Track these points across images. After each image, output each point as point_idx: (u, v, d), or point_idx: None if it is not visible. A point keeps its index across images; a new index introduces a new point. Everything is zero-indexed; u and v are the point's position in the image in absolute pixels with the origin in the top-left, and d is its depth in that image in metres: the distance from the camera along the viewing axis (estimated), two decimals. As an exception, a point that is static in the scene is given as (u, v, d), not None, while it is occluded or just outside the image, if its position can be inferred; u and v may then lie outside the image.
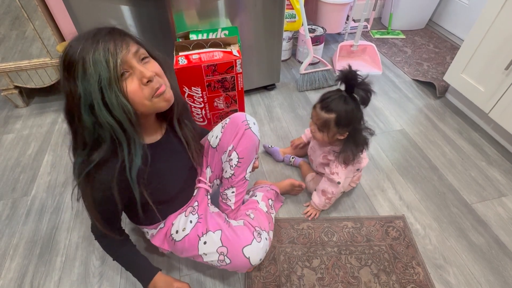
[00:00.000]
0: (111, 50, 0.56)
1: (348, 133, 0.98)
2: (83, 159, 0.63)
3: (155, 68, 0.65)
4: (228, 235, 0.81)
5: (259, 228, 0.87)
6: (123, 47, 0.59)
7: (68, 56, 0.57)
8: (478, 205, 1.18)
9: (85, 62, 0.55)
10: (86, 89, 0.56)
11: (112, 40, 0.58)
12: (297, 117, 1.58)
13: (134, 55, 0.61)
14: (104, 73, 0.56)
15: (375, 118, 1.58)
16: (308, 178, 1.21)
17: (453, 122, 1.55)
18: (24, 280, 0.98)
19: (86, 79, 0.56)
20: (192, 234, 0.84)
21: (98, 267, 1.02)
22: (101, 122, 0.59)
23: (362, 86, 0.88)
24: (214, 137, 0.93)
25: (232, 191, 0.95)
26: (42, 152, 1.41)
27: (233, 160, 0.89)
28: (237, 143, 0.87)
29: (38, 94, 1.74)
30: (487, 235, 1.09)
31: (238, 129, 0.88)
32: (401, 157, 1.38)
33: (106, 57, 0.56)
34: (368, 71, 1.91)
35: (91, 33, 0.58)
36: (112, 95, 0.57)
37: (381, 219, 1.13)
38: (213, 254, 0.81)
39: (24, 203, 1.20)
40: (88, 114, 0.58)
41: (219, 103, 1.32)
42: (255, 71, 1.61)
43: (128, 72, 0.60)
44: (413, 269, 0.99)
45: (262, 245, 0.82)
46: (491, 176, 1.29)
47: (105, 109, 0.58)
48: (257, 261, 0.80)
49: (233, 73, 1.22)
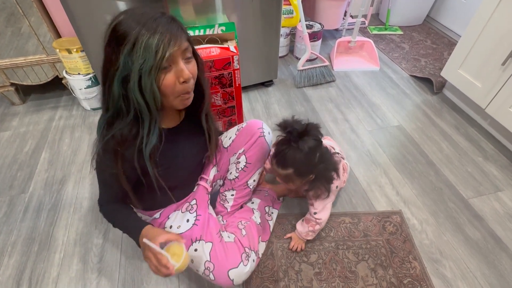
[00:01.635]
0: (165, 41, 0.57)
1: (314, 175, 0.87)
2: (104, 124, 0.66)
3: (194, 70, 0.67)
4: (218, 253, 0.81)
5: (248, 249, 0.86)
6: (176, 43, 0.59)
7: (123, 28, 0.57)
8: (474, 200, 1.19)
9: (137, 42, 0.56)
10: (126, 64, 0.58)
11: (169, 32, 0.58)
12: (295, 113, 1.58)
13: (182, 52, 0.62)
14: (150, 60, 0.57)
15: (373, 114, 1.58)
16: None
17: (450, 117, 1.56)
18: (23, 276, 0.99)
19: (131, 57, 0.57)
20: (186, 236, 0.84)
21: (96, 263, 1.02)
22: (130, 98, 0.61)
23: (308, 133, 0.79)
24: (227, 138, 0.97)
25: (232, 193, 0.97)
26: (39, 150, 1.41)
27: (240, 163, 0.92)
28: (249, 148, 0.91)
29: (35, 91, 1.73)
30: (483, 229, 1.10)
31: (253, 134, 0.91)
32: (398, 152, 1.38)
33: (158, 47, 0.57)
34: (365, 67, 1.91)
35: (152, 16, 0.58)
36: (148, 81, 0.59)
37: (378, 214, 1.14)
38: (199, 265, 0.81)
39: (21, 201, 1.20)
40: (119, 85, 0.60)
41: (216, 99, 1.32)
42: (253, 68, 1.61)
43: (170, 66, 0.61)
44: (409, 264, 1.00)
45: (248, 268, 0.83)
46: (488, 171, 1.29)
47: (138, 89, 0.60)
48: (240, 283, 0.83)
49: (230, 69, 1.22)
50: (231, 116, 1.43)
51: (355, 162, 1.33)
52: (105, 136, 0.65)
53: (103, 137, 0.66)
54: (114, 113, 0.65)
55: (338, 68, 1.90)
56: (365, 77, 1.84)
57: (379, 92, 1.73)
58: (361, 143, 1.43)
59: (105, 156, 0.67)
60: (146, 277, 0.98)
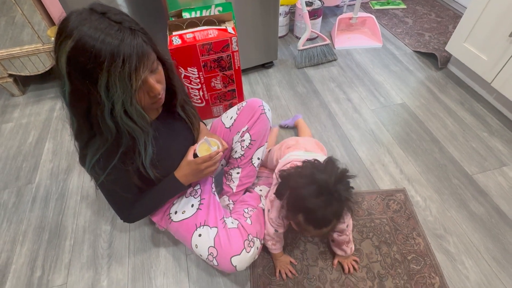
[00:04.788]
0: (135, 67, 0.56)
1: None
2: (95, 152, 0.66)
3: (161, 78, 0.67)
4: (221, 239, 0.82)
5: (252, 236, 0.86)
6: (145, 64, 0.58)
7: (88, 58, 0.52)
8: (479, 175, 1.18)
9: (109, 77, 0.54)
10: (109, 99, 0.57)
11: (135, 53, 0.55)
12: (296, 95, 1.56)
13: (150, 68, 0.61)
14: (127, 91, 0.57)
15: (376, 93, 1.55)
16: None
17: (455, 93, 1.53)
18: (36, 264, 1.02)
19: (109, 91, 0.56)
20: (191, 221, 0.86)
21: (106, 249, 1.04)
22: (121, 125, 0.62)
23: (341, 179, 0.67)
24: (228, 118, 0.98)
25: (237, 171, 0.98)
26: (42, 140, 1.41)
27: (245, 141, 0.94)
28: (252, 125, 0.94)
29: (34, 81, 1.72)
30: (487, 204, 1.10)
31: (255, 112, 0.94)
32: (402, 130, 1.37)
33: (131, 77, 0.56)
34: (368, 44, 1.86)
35: (113, 39, 0.53)
36: (132, 108, 0.60)
37: (382, 193, 1.14)
38: (203, 250, 0.83)
39: (29, 191, 1.22)
40: (110, 119, 0.60)
41: (216, 83, 1.30)
42: (252, 49, 1.57)
43: (141, 85, 0.61)
44: (413, 240, 1.01)
45: (251, 254, 0.83)
46: (493, 146, 1.28)
47: (126, 117, 0.61)
48: (243, 269, 0.83)
49: (229, 52, 1.19)
50: (232, 99, 1.41)
51: (358, 142, 1.33)
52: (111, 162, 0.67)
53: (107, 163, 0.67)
54: (112, 139, 0.65)
55: (339, 46, 1.85)
56: (367, 55, 1.80)
57: (382, 70, 1.69)
58: (364, 122, 1.41)
59: (114, 170, 0.69)
60: (156, 261, 1.01)
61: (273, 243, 0.90)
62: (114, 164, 0.68)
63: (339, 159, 1.14)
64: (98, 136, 0.64)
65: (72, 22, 0.53)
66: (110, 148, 0.66)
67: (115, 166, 0.68)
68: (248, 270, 0.97)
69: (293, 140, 1.02)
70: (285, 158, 0.91)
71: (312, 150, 0.96)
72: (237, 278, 0.96)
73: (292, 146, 0.97)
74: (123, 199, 0.78)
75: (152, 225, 1.09)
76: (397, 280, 0.93)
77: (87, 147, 0.66)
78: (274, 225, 0.86)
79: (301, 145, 0.97)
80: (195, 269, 0.98)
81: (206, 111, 1.41)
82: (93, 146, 0.65)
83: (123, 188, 0.75)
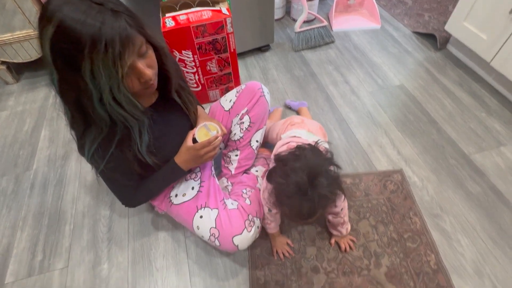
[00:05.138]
0: (120, 55, 0.53)
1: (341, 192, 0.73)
2: (93, 142, 0.65)
3: (152, 62, 0.64)
4: (222, 220, 0.83)
5: (252, 216, 0.86)
6: (130, 49, 0.55)
7: (70, 43, 0.51)
8: (476, 155, 1.18)
9: (93, 64, 0.52)
10: (96, 86, 0.55)
11: (118, 36, 0.52)
12: (294, 78, 1.55)
13: (138, 53, 0.58)
14: (114, 77, 0.55)
15: (373, 75, 1.54)
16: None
17: (454, 74, 1.51)
18: (36, 248, 1.03)
19: (96, 79, 0.54)
20: (192, 203, 0.86)
21: (106, 233, 1.05)
22: (113, 114, 0.61)
23: (316, 175, 0.65)
24: (227, 101, 0.98)
25: (236, 154, 0.99)
26: (38, 128, 1.41)
27: (244, 124, 0.95)
28: (251, 107, 0.94)
29: (27, 69, 1.70)
30: (484, 184, 1.10)
31: (254, 94, 0.94)
32: (399, 112, 1.36)
33: (115, 63, 0.53)
34: (366, 26, 1.82)
35: (93, 22, 0.50)
36: (121, 95, 0.58)
37: (379, 174, 1.14)
38: (205, 232, 0.84)
39: (27, 178, 1.22)
40: (100, 107, 0.59)
41: (212, 66, 1.28)
42: (248, 32, 1.55)
43: (129, 71, 0.58)
44: (410, 219, 1.02)
45: (252, 233, 0.84)
46: (491, 126, 1.28)
47: (116, 104, 0.59)
48: (245, 248, 0.85)
49: (224, 33, 1.17)
50: (228, 83, 1.40)
51: (355, 124, 1.32)
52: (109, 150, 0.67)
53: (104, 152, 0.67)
54: (107, 128, 0.64)
55: (337, 28, 1.82)
56: (365, 37, 1.77)
57: (380, 52, 1.67)
58: (361, 104, 1.40)
59: (113, 158, 0.69)
60: (155, 243, 1.02)
61: (268, 222, 0.90)
62: (112, 152, 0.67)
63: (336, 142, 1.14)
64: (93, 126, 0.63)
65: (53, 5, 0.51)
66: (107, 137, 0.65)
67: (113, 154, 0.67)
68: (247, 251, 0.98)
69: (299, 119, 1.01)
70: (287, 134, 0.92)
71: (314, 133, 0.95)
72: (236, 258, 0.97)
73: (296, 124, 0.97)
74: (124, 186, 0.79)
75: (151, 209, 1.09)
76: (393, 258, 0.94)
77: (84, 137, 0.65)
78: (267, 205, 0.87)
79: (305, 125, 0.96)
80: (194, 251, 1.00)
81: (203, 96, 1.40)
82: (90, 136, 0.65)
83: (123, 175, 0.75)
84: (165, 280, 0.94)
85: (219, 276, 0.94)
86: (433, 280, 0.90)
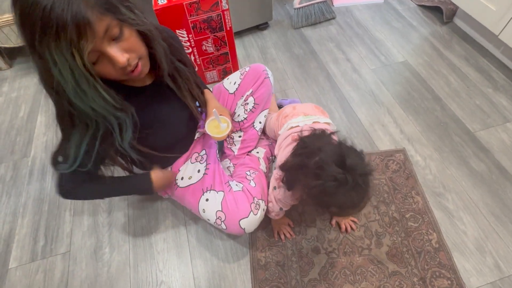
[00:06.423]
0: (74, 42, 0.47)
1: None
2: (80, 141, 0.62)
3: (131, 45, 0.56)
4: (228, 203, 0.81)
5: (257, 199, 0.84)
6: (90, 35, 0.48)
7: (28, 31, 0.47)
8: (481, 132, 1.15)
9: (49, 51, 0.48)
10: (62, 77, 0.50)
11: (71, 21, 0.46)
12: (293, 57, 1.50)
13: (104, 36, 0.51)
14: (75, 68, 0.49)
15: (376, 51, 1.48)
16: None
17: (460, 49, 1.45)
18: (38, 233, 1.03)
19: (57, 68, 0.49)
20: (198, 186, 0.85)
21: (106, 217, 1.05)
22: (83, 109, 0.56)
23: (353, 167, 0.59)
24: (232, 83, 0.97)
25: (239, 135, 0.98)
26: (34, 114, 1.39)
27: (249, 105, 0.95)
28: (256, 88, 0.94)
29: (20, 54, 1.65)
30: (488, 161, 1.08)
31: (259, 76, 0.94)
32: (403, 90, 1.32)
33: (71, 51, 0.48)
34: (368, 0, 1.74)
35: (45, 3, 0.45)
36: (87, 87, 0.52)
37: (381, 153, 1.12)
38: (211, 215, 0.82)
39: (25, 164, 1.21)
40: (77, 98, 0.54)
41: (208, 46, 1.24)
42: (245, 9, 1.48)
43: (98, 57, 0.53)
44: (412, 199, 1.01)
45: (259, 216, 0.83)
46: (497, 102, 1.23)
47: (85, 97, 0.53)
48: (252, 230, 0.84)
49: (219, 10, 1.12)
50: (225, 64, 1.36)
51: (357, 103, 1.28)
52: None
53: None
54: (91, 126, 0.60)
55: (338, 3, 1.74)
56: (368, 11, 1.69)
57: (383, 27, 1.60)
58: (363, 82, 1.36)
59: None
60: (155, 227, 1.02)
61: (276, 214, 0.89)
62: (97, 150, 0.62)
63: (337, 122, 1.11)
64: (77, 121, 0.59)
65: None
66: (93, 134, 0.61)
67: (98, 152, 0.63)
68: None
69: (290, 108, 0.96)
70: (284, 128, 0.87)
71: (311, 114, 0.91)
72: (237, 240, 0.97)
73: (289, 115, 0.92)
74: (76, 172, 0.67)
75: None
76: (395, 237, 0.94)
77: (70, 135, 0.62)
78: (280, 204, 0.83)
79: (299, 111, 0.92)
80: (195, 233, 1.00)
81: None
82: (75, 135, 0.61)
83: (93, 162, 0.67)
84: (166, 262, 0.95)
85: (220, 257, 0.95)
86: (435, 258, 0.89)
